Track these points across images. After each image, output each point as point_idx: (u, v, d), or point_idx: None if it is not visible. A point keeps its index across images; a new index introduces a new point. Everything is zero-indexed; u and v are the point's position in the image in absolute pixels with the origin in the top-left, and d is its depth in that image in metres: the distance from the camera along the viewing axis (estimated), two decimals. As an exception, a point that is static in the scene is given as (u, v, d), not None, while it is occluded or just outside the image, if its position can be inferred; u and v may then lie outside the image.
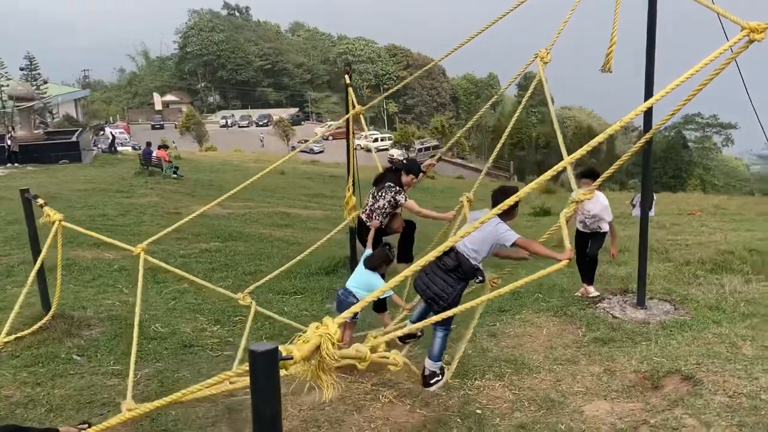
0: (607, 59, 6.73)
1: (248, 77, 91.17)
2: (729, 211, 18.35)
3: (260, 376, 2.05)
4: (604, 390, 5.97)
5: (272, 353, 2.05)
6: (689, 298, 7.79)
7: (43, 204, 7.06)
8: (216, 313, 8.39)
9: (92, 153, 31.81)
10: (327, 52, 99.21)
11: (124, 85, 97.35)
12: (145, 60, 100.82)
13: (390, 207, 6.60)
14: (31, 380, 6.13)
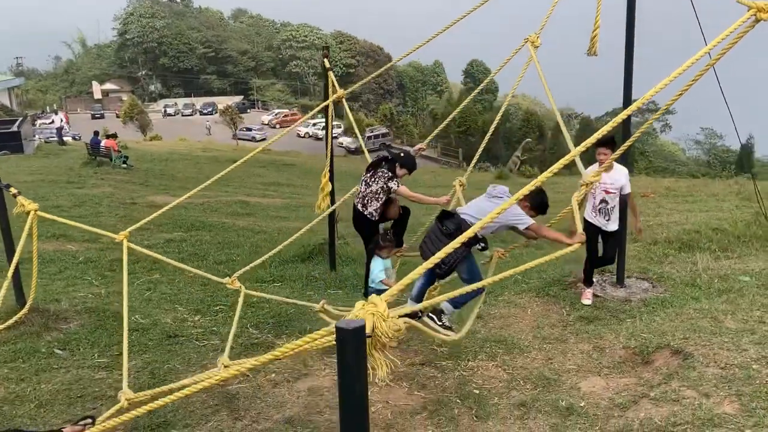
0: (592, 42, 6.84)
1: (191, 65, 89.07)
2: (680, 193, 18.96)
3: (349, 353, 2.02)
4: (596, 367, 6.11)
5: (361, 331, 2.01)
6: (665, 276, 8.02)
7: (17, 194, 6.78)
8: (194, 303, 8.23)
9: (34, 143, 30.63)
10: (271, 39, 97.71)
11: (61, 74, 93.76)
12: (81, 47, 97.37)
13: (383, 193, 6.59)
14: (14, 376, 5.90)
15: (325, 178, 8.81)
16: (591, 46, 6.86)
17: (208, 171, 28.39)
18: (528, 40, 6.70)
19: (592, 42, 6.82)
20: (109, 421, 4.55)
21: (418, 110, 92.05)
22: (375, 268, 6.76)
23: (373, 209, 6.72)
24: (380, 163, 6.81)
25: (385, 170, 6.68)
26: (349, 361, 2.04)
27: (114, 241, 6.78)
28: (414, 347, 6.77)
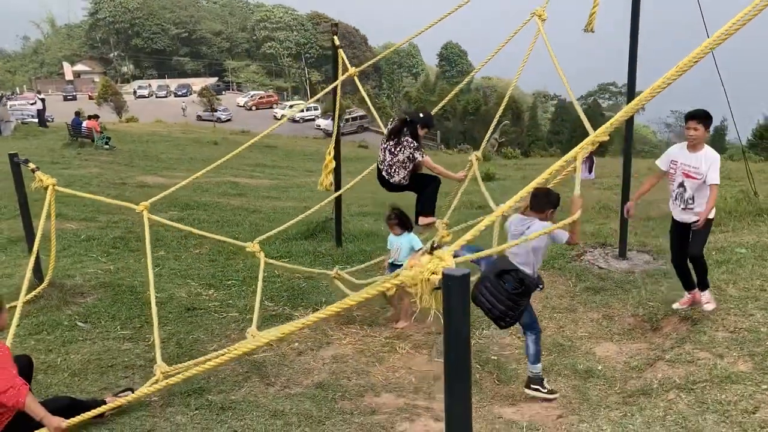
0: (590, 19, 7.02)
1: (164, 46, 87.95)
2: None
3: (455, 297, 2.19)
4: (607, 333, 6.38)
5: (466, 277, 2.19)
6: (664, 249, 8.29)
7: (35, 169, 6.82)
8: (206, 278, 8.32)
9: (11, 125, 30.13)
10: (245, 20, 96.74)
11: (30, 54, 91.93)
12: (51, 27, 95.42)
13: (409, 162, 6.64)
14: (42, 347, 5.99)
15: (329, 156, 8.90)
16: (589, 22, 7.02)
17: (191, 152, 28.31)
18: (535, 14, 6.77)
19: (590, 19, 6.98)
20: (146, 388, 4.73)
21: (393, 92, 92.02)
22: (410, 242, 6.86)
23: (400, 177, 6.71)
24: (402, 129, 6.73)
25: (409, 138, 6.63)
26: (455, 304, 2.21)
27: (135, 211, 6.85)
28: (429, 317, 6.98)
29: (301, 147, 37.44)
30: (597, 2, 6.66)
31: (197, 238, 10.63)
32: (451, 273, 2.20)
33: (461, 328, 2.23)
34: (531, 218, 5.03)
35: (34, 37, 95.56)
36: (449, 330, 2.25)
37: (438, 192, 6.94)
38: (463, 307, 2.22)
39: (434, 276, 2.84)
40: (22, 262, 8.89)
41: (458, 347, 2.25)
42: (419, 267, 2.90)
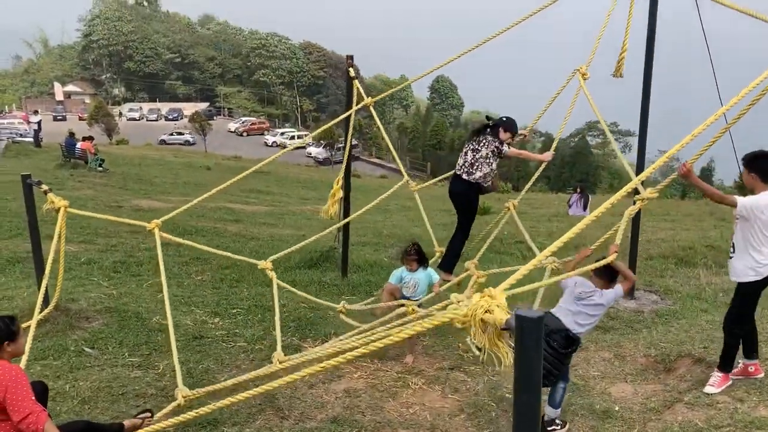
0: (618, 65, 7.17)
1: (156, 69, 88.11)
2: (656, 212, 19.56)
3: (528, 341, 2.18)
4: (620, 374, 6.35)
5: (540, 320, 2.17)
6: (671, 289, 8.36)
7: (47, 190, 6.75)
8: (210, 305, 8.23)
9: (2, 143, 29.94)
10: (238, 47, 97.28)
11: (20, 73, 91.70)
12: (43, 48, 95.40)
13: (494, 157, 6.60)
14: (49, 373, 5.87)
15: (337, 185, 8.90)
16: (617, 68, 7.18)
17: (185, 176, 28.20)
18: (578, 71, 6.99)
19: (619, 64, 7.15)
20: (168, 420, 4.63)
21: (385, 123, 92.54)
22: (393, 274, 6.81)
23: (481, 174, 6.66)
24: (483, 129, 6.77)
25: (490, 136, 6.66)
26: (528, 347, 2.19)
27: (146, 230, 6.79)
28: (440, 352, 6.94)
29: (294, 174, 37.44)
30: (625, 48, 6.79)
31: (197, 264, 10.57)
32: (525, 315, 2.18)
33: (533, 372, 2.20)
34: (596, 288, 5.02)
35: (25, 56, 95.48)
36: (520, 373, 2.22)
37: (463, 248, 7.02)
38: (536, 350, 2.19)
39: (488, 315, 2.82)
40: (21, 284, 8.77)
41: (530, 391, 2.22)
42: (471, 304, 2.88)
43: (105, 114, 55.34)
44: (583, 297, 4.97)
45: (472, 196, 6.92)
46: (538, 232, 13.49)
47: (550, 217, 19.26)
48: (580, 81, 6.95)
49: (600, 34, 6.97)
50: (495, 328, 2.91)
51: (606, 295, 5.01)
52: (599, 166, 56.18)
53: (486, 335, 2.99)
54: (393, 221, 17.74)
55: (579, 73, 7.00)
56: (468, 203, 6.98)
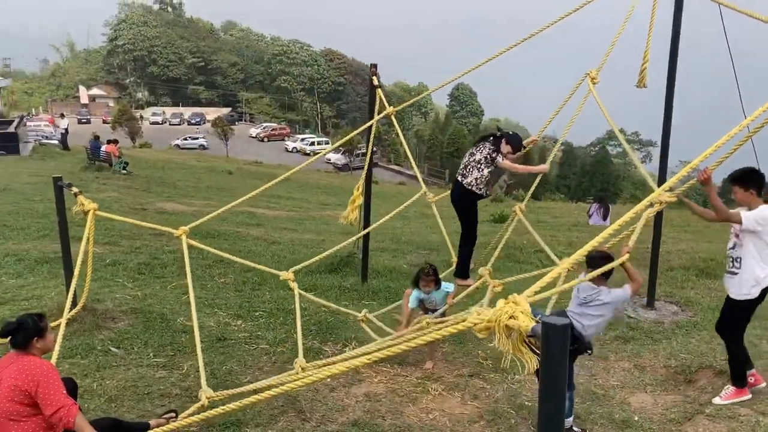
0: (641, 75, 7.18)
1: (179, 74, 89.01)
2: (676, 223, 19.42)
3: (554, 348, 2.23)
4: (640, 384, 6.36)
5: (566, 327, 2.23)
6: (692, 300, 8.34)
7: (78, 193, 6.90)
8: (233, 308, 8.35)
9: (29, 145, 30.45)
10: (260, 53, 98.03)
11: (47, 77, 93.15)
12: (70, 51, 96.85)
13: (485, 163, 6.62)
14: (77, 371, 6.01)
15: (357, 191, 8.97)
16: (640, 79, 7.20)
17: (207, 180, 28.49)
18: (588, 75, 6.95)
19: (642, 75, 7.16)
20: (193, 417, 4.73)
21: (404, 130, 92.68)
22: (412, 299, 6.75)
23: (472, 178, 6.66)
24: (487, 137, 6.82)
25: (490, 144, 6.70)
26: (554, 353, 2.25)
27: (173, 236, 6.91)
28: (460, 359, 6.99)
29: (314, 180, 37.65)
30: (647, 59, 6.81)
31: (219, 267, 10.70)
32: (551, 322, 2.24)
33: (558, 378, 2.26)
34: (599, 287, 5.02)
35: (52, 60, 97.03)
36: (546, 379, 2.28)
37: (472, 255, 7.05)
38: (561, 357, 2.25)
39: (512, 321, 2.87)
40: (49, 283, 8.95)
41: (555, 397, 2.28)
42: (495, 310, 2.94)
43: (129, 118, 55.93)
44: (589, 300, 5.00)
45: (466, 200, 6.83)
46: (558, 241, 13.47)
47: (570, 226, 19.19)
48: (590, 85, 6.88)
49: (614, 40, 6.96)
50: (519, 334, 2.97)
51: (613, 293, 5.00)
52: (620, 175, 55.86)
53: (510, 341, 3.05)
54: (411, 228, 17.80)
55: (589, 78, 6.94)
56: (463, 207, 6.91)
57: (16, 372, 3.95)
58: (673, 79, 7.57)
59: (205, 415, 4.66)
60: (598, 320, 5.05)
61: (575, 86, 7.10)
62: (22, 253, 10.38)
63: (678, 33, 7.39)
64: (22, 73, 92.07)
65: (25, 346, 4.07)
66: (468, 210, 6.95)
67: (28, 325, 4.09)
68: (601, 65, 7.04)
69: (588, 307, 4.99)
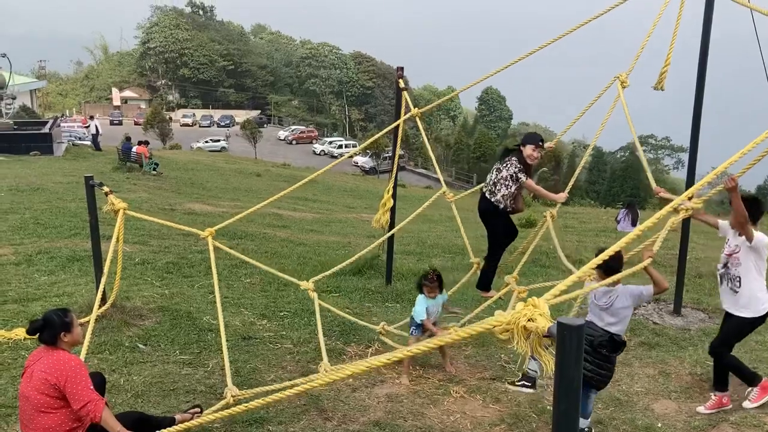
0: (660, 78, 7.12)
1: (210, 77, 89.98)
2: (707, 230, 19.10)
3: (569, 348, 2.25)
4: (664, 390, 6.31)
5: (581, 328, 2.25)
6: (719, 308, 8.19)
7: (109, 192, 7.04)
8: (258, 308, 8.45)
9: (63, 146, 31.03)
10: (290, 56, 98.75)
11: (81, 79, 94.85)
12: (103, 54, 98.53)
13: (512, 181, 6.64)
14: (105, 366, 6.13)
15: (388, 194, 9.00)
16: (659, 81, 7.14)
17: (235, 182, 28.79)
18: (618, 78, 6.87)
19: (661, 77, 7.10)
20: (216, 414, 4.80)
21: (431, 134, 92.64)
22: (418, 305, 6.63)
23: (500, 196, 6.66)
24: (512, 151, 6.82)
25: (515, 160, 6.66)
26: (569, 354, 2.27)
27: (200, 237, 7.02)
28: (482, 362, 6.99)
29: (341, 182, 37.81)
30: (668, 61, 6.76)
31: (246, 267, 10.82)
32: (566, 322, 2.26)
33: (573, 379, 2.27)
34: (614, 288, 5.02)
35: (86, 62, 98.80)
36: (561, 380, 2.29)
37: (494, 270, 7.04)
38: (576, 357, 2.27)
39: (530, 323, 2.89)
40: (80, 281, 9.13)
41: (569, 398, 2.29)
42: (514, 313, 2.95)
43: (161, 119, 56.74)
44: (608, 305, 5.03)
45: (494, 216, 6.82)
46: (585, 247, 13.39)
47: (598, 232, 19.05)
48: (618, 89, 6.80)
49: (644, 43, 6.91)
50: (537, 336, 2.98)
51: (631, 291, 5.02)
52: (649, 182, 55.12)
53: (528, 343, 3.07)
54: (437, 232, 17.81)
55: (618, 81, 6.88)
56: (491, 223, 6.91)
57: (46, 366, 4.06)
58: (702, 83, 7.51)
59: (229, 412, 4.75)
60: (623, 321, 5.09)
61: (603, 89, 7.03)
62: (54, 250, 10.61)
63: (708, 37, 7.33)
64: (56, 75, 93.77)
65: (54, 342, 4.18)
66: (493, 224, 6.94)
67: (54, 322, 4.19)
68: (630, 68, 6.97)
69: (609, 314, 5.01)
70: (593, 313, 5.16)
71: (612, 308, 5.02)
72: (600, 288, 5.01)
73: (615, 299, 5.00)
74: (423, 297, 6.64)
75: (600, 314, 5.10)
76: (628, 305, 5.04)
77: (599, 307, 5.11)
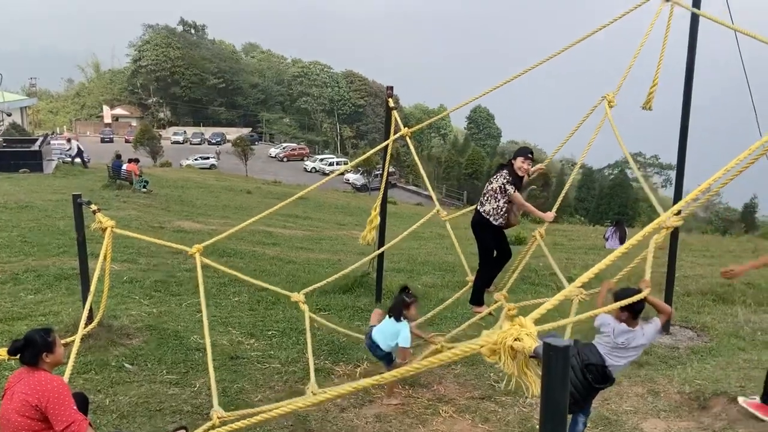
0: (648, 98, 7.19)
1: (201, 95, 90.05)
2: (695, 247, 19.27)
3: (555, 369, 2.25)
4: (653, 409, 6.29)
5: (567, 349, 2.24)
6: (708, 326, 8.25)
7: (96, 210, 7.00)
8: (246, 326, 8.40)
9: (53, 163, 30.91)
10: (281, 74, 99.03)
11: (72, 96, 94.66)
12: (95, 72, 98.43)
13: (500, 193, 6.66)
14: (90, 387, 6.07)
15: (375, 211, 9.02)
16: (647, 101, 7.20)
17: (226, 200, 28.71)
18: (605, 98, 6.94)
19: (649, 97, 7.16)
20: None
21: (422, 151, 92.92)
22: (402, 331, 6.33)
23: (489, 207, 6.73)
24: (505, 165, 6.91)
25: (505, 172, 6.73)
26: (555, 375, 2.26)
27: (188, 254, 6.98)
28: (471, 382, 6.96)
29: (332, 200, 37.78)
30: (656, 82, 6.82)
31: (234, 285, 10.77)
32: (552, 343, 2.25)
33: (559, 400, 2.27)
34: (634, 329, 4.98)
35: (77, 79, 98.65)
36: (547, 401, 2.29)
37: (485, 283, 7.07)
38: (562, 378, 2.26)
39: (517, 343, 2.88)
40: (67, 299, 9.06)
41: (555, 419, 2.28)
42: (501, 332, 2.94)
43: (151, 137, 56.61)
44: (627, 344, 4.95)
45: (483, 229, 6.87)
46: (573, 264, 13.41)
47: (587, 249, 19.09)
48: (606, 108, 6.88)
49: (630, 63, 6.98)
50: (524, 356, 2.97)
51: (647, 333, 4.99)
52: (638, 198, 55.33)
53: (515, 363, 3.05)
54: (427, 249, 17.79)
55: (605, 101, 6.95)
56: (479, 235, 6.97)
57: (27, 387, 4.01)
58: (688, 102, 7.58)
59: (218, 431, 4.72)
60: (631, 359, 5.09)
61: (591, 109, 7.09)
62: (41, 269, 10.53)
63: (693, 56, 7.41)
64: (47, 92, 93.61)
65: (35, 362, 4.12)
66: (480, 236, 7.00)
67: (36, 341, 4.13)
68: (617, 88, 7.04)
69: (626, 351, 4.96)
70: (604, 343, 5.04)
71: (628, 347, 4.97)
72: (620, 326, 4.98)
73: (633, 339, 4.96)
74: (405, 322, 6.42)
75: (613, 350, 5.00)
76: (643, 344, 5.01)
77: (617, 344, 4.99)
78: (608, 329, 5.04)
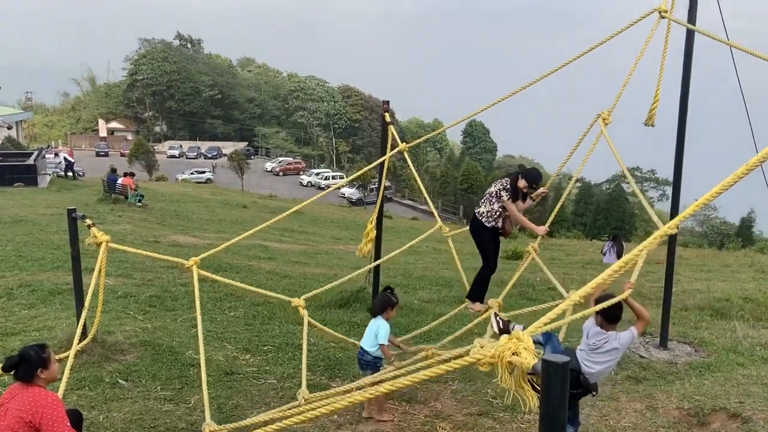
0: (650, 114, 7.21)
1: (197, 109, 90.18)
2: (691, 262, 19.27)
3: (554, 385, 2.22)
4: (652, 426, 6.24)
5: (566, 365, 2.22)
6: (706, 341, 8.22)
7: (91, 225, 6.96)
8: (242, 342, 8.34)
9: (47, 177, 30.88)
10: (278, 88, 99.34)
11: (68, 110, 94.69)
12: (90, 85, 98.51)
13: (495, 198, 6.77)
14: (84, 403, 6.01)
15: (371, 224, 8.99)
16: (649, 117, 7.23)
17: (221, 214, 28.66)
18: (600, 116, 7.01)
19: (651, 114, 7.19)
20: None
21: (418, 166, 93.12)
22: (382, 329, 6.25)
23: (484, 210, 6.86)
24: (506, 176, 7.05)
25: (506, 180, 6.86)
26: (553, 391, 2.23)
27: (184, 267, 6.92)
28: (469, 398, 6.90)
29: (328, 214, 37.78)
30: (657, 98, 6.84)
31: (230, 300, 10.72)
32: (551, 359, 2.23)
33: (558, 416, 2.24)
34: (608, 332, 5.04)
35: (73, 93, 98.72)
36: (545, 417, 2.26)
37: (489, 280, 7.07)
38: (561, 394, 2.23)
39: (515, 357, 2.85)
40: (61, 314, 8.99)
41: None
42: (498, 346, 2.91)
43: (145, 151, 56.61)
44: (598, 346, 5.05)
45: (477, 230, 7.05)
46: (571, 279, 13.37)
47: (584, 264, 19.07)
48: (601, 126, 6.97)
49: (626, 80, 7.00)
50: (521, 371, 2.94)
51: (621, 339, 5.04)
52: (635, 213, 55.47)
53: (512, 378, 3.02)
54: (424, 263, 17.76)
55: (600, 118, 7.03)
56: (478, 235, 7.11)
57: (21, 404, 3.96)
58: (684, 117, 7.59)
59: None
60: (605, 365, 5.11)
61: (587, 128, 7.14)
62: (35, 284, 10.47)
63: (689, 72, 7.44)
64: (42, 106, 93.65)
65: (30, 378, 4.08)
66: (479, 239, 7.16)
67: (31, 357, 4.10)
68: (613, 106, 7.08)
69: (596, 353, 5.03)
70: (582, 348, 5.15)
71: (599, 350, 5.04)
72: (594, 328, 5.08)
73: (605, 342, 5.00)
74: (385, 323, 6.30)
75: (588, 354, 5.09)
76: (616, 348, 5.03)
77: (588, 345, 5.12)
78: (584, 330, 5.20)
